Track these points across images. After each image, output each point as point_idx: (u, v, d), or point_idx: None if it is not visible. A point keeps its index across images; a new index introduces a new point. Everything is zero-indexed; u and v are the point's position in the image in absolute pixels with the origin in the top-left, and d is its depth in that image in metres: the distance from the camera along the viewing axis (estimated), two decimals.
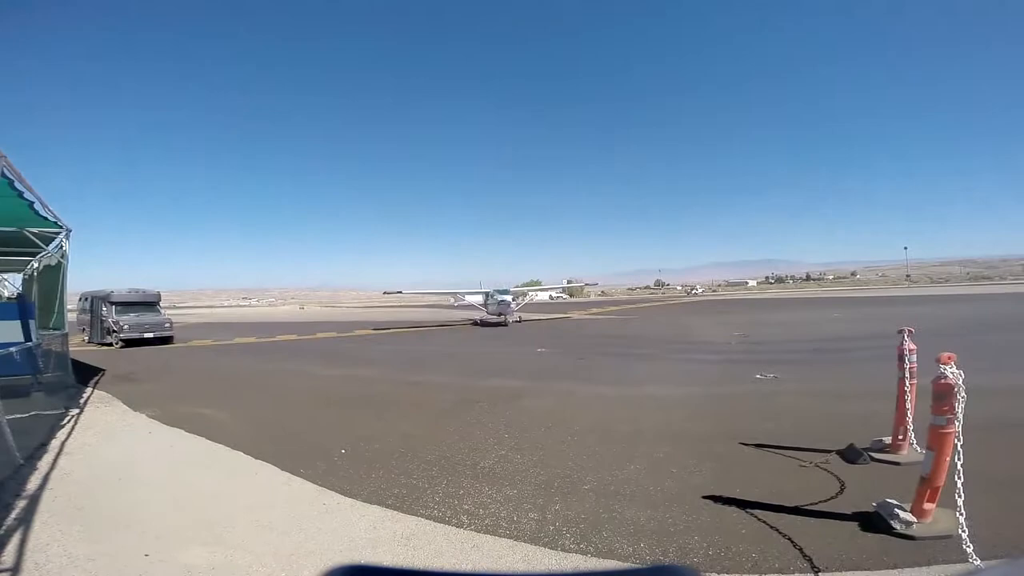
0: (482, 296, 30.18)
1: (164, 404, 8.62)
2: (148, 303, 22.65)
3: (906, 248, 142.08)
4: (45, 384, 9.91)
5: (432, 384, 10.20)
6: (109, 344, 20.68)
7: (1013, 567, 0.64)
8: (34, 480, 5.03)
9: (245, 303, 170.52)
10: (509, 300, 27.57)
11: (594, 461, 5.15)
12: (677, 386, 9.03)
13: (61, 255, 10.64)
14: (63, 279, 10.96)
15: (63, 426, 7.24)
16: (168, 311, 26.55)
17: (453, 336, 22.71)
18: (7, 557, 3.46)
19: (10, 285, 16.83)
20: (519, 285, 35.40)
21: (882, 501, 3.69)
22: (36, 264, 12.62)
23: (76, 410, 8.27)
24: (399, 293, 38.51)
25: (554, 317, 33.74)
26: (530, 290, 36.31)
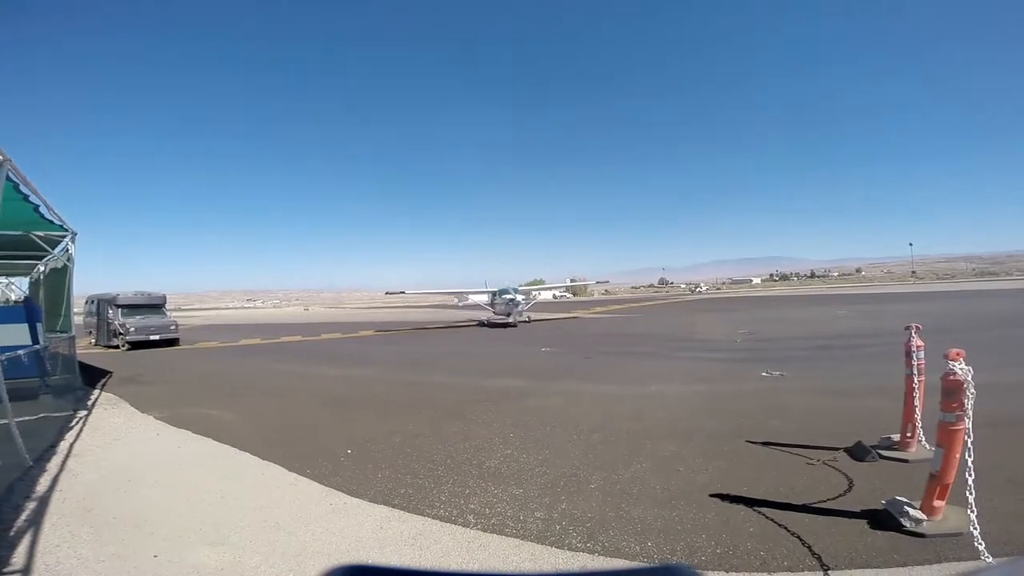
0: (487, 296, 29.60)
1: (171, 405, 8.66)
2: (154, 305, 22.79)
3: (911, 244, 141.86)
4: (53, 387, 9.99)
5: (437, 384, 10.20)
6: (116, 346, 20.81)
7: (1014, 567, 0.64)
8: (43, 482, 5.06)
9: (250, 305, 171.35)
10: (518, 299, 26.73)
11: (600, 460, 5.14)
12: (682, 384, 9.00)
13: (67, 258, 10.68)
14: (69, 282, 11.01)
15: (71, 428, 7.27)
16: (174, 313, 26.71)
17: (458, 336, 22.73)
18: (18, 558, 3.48)
19: (17, 288, 16.97)
20: (523, 284, 34.68)
21: (891, 499, 3.66)
22: (42, 267, 12.70)
23: (84, 412, 8.31)
24: (402, 293, 37.10)
25: (558, 316, 33.69)
26: (533, 289, 35.48)
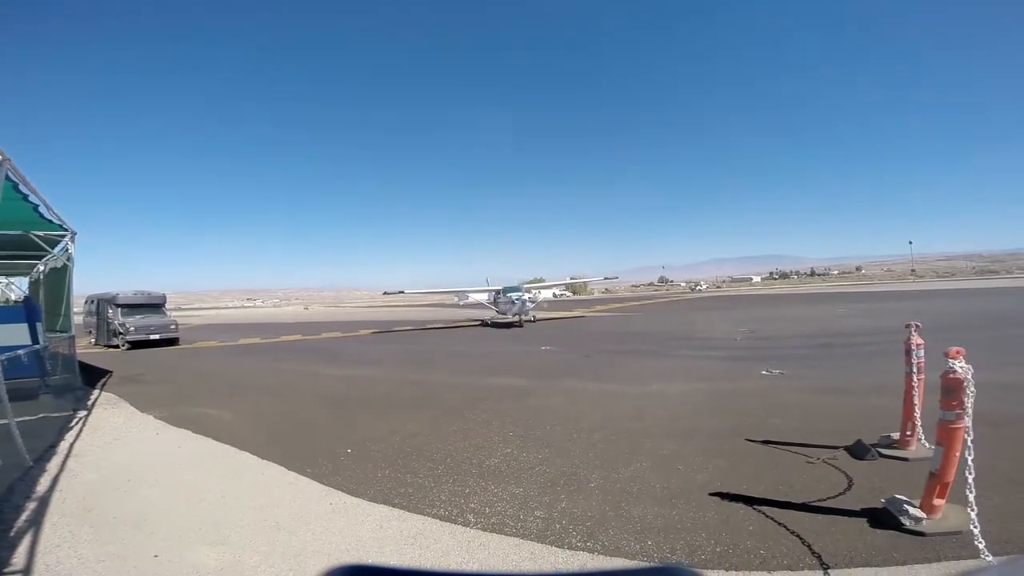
0: (488, 294, 28.96)
1: (171, 405, 8.67)
2: (154, 305, 22.79)
3: (911, 242, 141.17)
4: (53, 386, 9.99)
5: (437, 383, 10.20)
6: (116, 346, 20.83)
7: (1014, 567, 0.64)
8: (44, 482, 5.07)
9: (250, 304, 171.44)
10: (525, 298, 25.81)
11: (600, 459, 5.14)
12: (683, 383, 9.00)
13: (67, 258, 10.68)
14: (69, 282, 11.00)
15: (71, 428, 7.28)
16: (173, 313, 26.71)
17: (458, 336, 22.72)
18: (19, 559, 3.48)
19: (17, 288, 16.97)
20: (524, 283, 34.15)
21: (891, 497, 3.66)
22: (42, 267, 12.70)
23: (84, 412, 8.31)
24: (400, 293, 34.90)
25: (561, 315, 33.65)
26: (534, 288, 34.74)
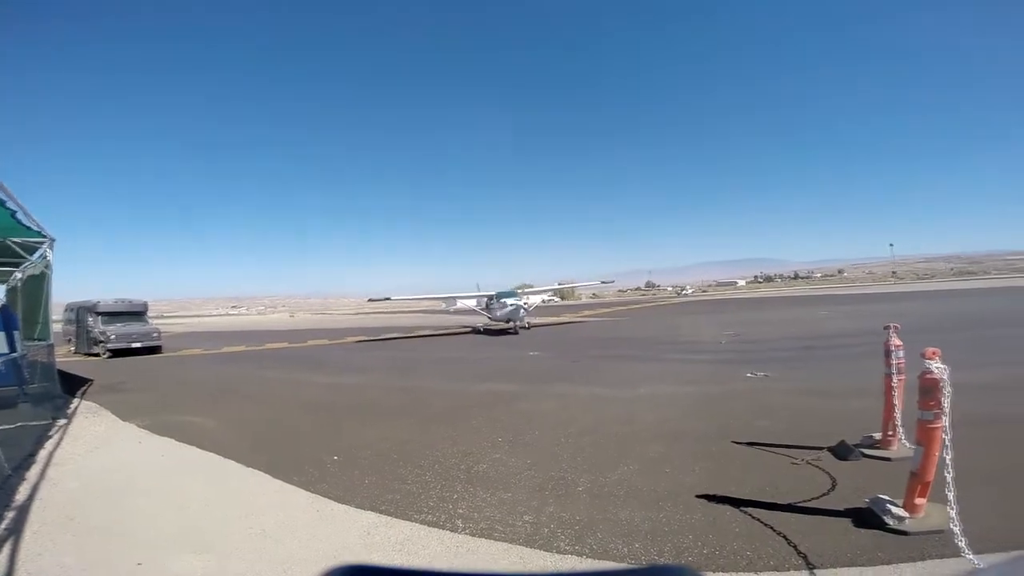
0: (477, 300, 28.38)
1: (153, 413, 8.52)
2: (135, 313, 22.42)
3: (892, 245, 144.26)
4: (31, 395, 9.76)
5: (425, 390, 10.16)
6: (96, 354, 20.43)
7: (1014, 567, 0.63)
8: (23, 491, 4.96)
9: (235, 312, 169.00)
10: (519, 304, 24.96)
11: (588, 463, 5.16)
12: (669, 386, 9.07)
13: (45, 265, 10.47)
14: (47, 289, 10.79)
15: (50, 436, 7.13)
16: (156, 320, 26.27)
17: (448, 343, 22.62)
18: None
19: None
20: (513, 288, 33.49)
21: (874, 497, 3.73)
22: (20, 275, 12.42)
23: (64, 420, 8.15)
24: (387, 300, 32.58)
25: (550, 321, 33.66)
26: (523, 293, 33.84)
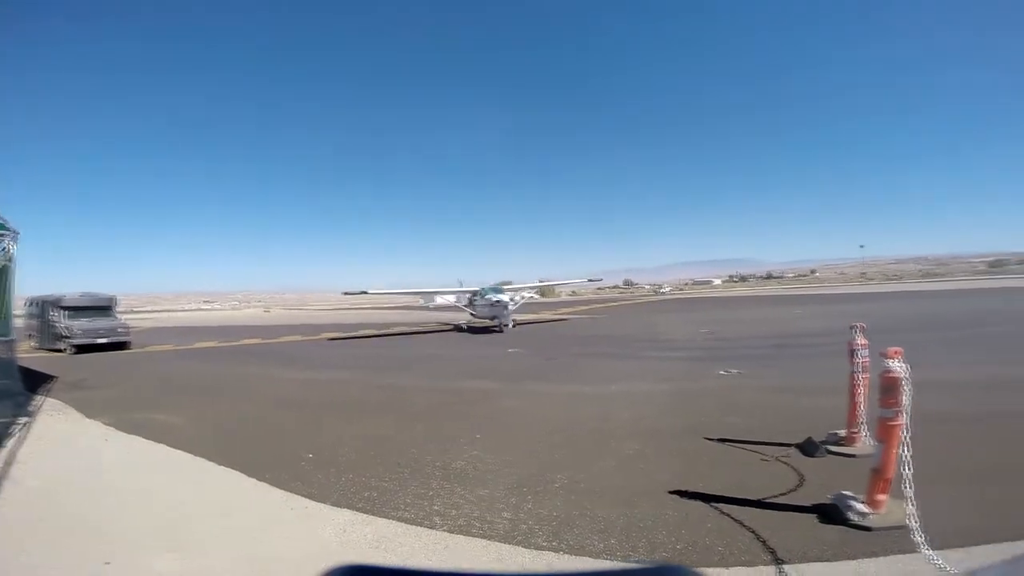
0: (459, 296, 27.46)
1: (121, 411, 8.29)
2: (101, 307, 21.73)
3: (862, 246, 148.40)
4: None
5: (401, 387, 10.11)
6: (60, 350, 19.74)
7: (1014, 567, 0.65)
8: None
9: (207, 307, 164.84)
10: (506, 300, 24.06)
11: (565, 459, 5.21)
12: (645, 383, 9.21)
13: (7, 259, 10.10)
14: (10, 283, 10.41)
15: (11, 435, 6.88)
16: (124, 315, 25.50)
17: (425, 339, 22.52)
18: None
19: None
20: (497, 284, 31.96)
21: (838, 493, 3.83)
22: None
23: (26, 418, 7.87)
24: (363, 293, 30.58)
25: (529, 319, 33.66)
26: (511, 288, 32.32)
